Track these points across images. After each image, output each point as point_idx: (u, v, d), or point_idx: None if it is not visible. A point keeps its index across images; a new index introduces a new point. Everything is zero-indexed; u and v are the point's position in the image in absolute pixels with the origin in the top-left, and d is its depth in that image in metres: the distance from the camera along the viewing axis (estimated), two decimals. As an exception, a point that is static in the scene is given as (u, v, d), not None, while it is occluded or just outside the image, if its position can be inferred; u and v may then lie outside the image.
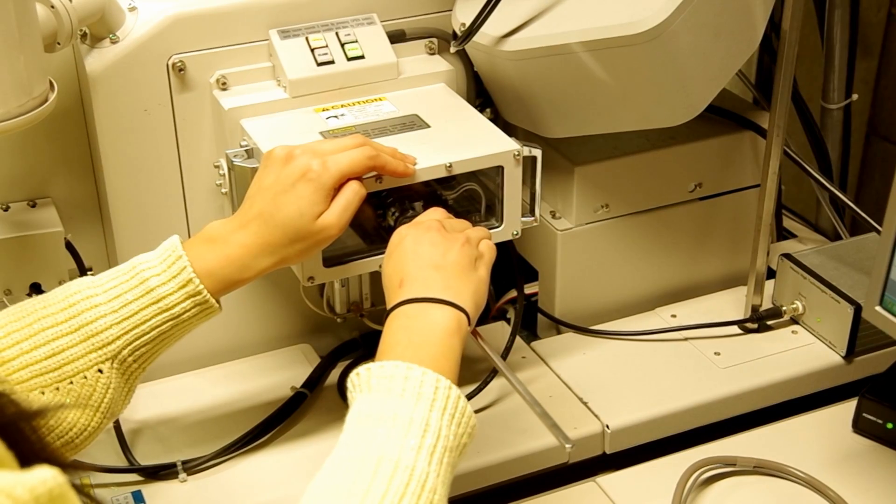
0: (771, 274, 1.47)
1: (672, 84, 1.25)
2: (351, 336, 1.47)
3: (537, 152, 1.21)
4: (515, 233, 1.23)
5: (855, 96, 1.62)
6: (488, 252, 1.08)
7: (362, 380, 0.93)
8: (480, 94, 1.41)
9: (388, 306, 1.02)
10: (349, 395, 0.94)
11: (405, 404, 0.89)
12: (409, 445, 0.87)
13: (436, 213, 1.12)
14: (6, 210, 1.33)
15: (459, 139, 1.21)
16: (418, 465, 0.86)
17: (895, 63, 1.78)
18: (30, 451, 0.62)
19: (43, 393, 0.99)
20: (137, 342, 1.03)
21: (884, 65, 1.81)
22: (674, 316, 1.48)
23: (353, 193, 1.08)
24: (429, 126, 1.23)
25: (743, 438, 1.29)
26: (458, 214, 1.22)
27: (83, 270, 1.28)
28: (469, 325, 1.01)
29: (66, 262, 1.29)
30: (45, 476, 0.56)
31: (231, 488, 1.23)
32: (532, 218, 1.25)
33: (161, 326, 1.04)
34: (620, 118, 1.31)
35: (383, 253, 1.18)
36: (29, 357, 1.00)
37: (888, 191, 1.12)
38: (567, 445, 0.99)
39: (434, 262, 1.03)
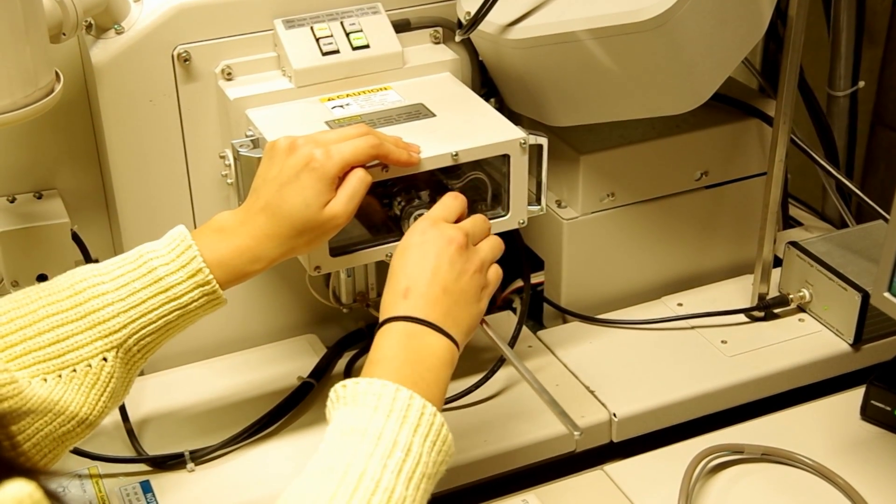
0: (777, 262, 1.47)
1: (678, 72, 1.25)
2: (357, 326, 1.47)
3: (543, 140, 1.21)
4: (522, 221, 1.23)
5: (861, 83, 1.62)
6: (494, 281, 1.08)
7: (348, 392, 0.94)
8: (485, 83, 1.41)
9: (386, 307, 1.02)
10: (330, 404, 0.95)
11: (390, 426, 0.90)
12: (390, 468, 0.88)
13: (455, 204, 1.10)
14: (12, 202, 1.33)
15: (465, 128, 1.21)
16: (397, 489, 0.87)
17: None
18: (4, 463, 0.62)
19: (45, 380, 0.99)
20: (143, 331, 1.03)
21: (889, 53, 1.81)
22: (680, 304, 1.48)
23: (358, 181, 1.08)
24: (434, 115, 1.23)
25: (750, 426, 1.29)
26: (464, 204, 1.23)
27: (89, 261, 1.28)
28: (457, 356, 1.02)
29: (73, 254, 1.29)
30: (21, 493, 0.55)
31: (239, 478, 1.23)
32: (538, 207, 1.25)
33: (168, 316, 1.04)
34: (626, 106, 1.31)
35: (390, 242, 1.18)
36: (32, 343, 0.99)
37: (894, 180, 1.11)
38: (576, 433, 0.99)
39: (445, 284, 1.02)
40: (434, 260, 1.03)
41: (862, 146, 1.86)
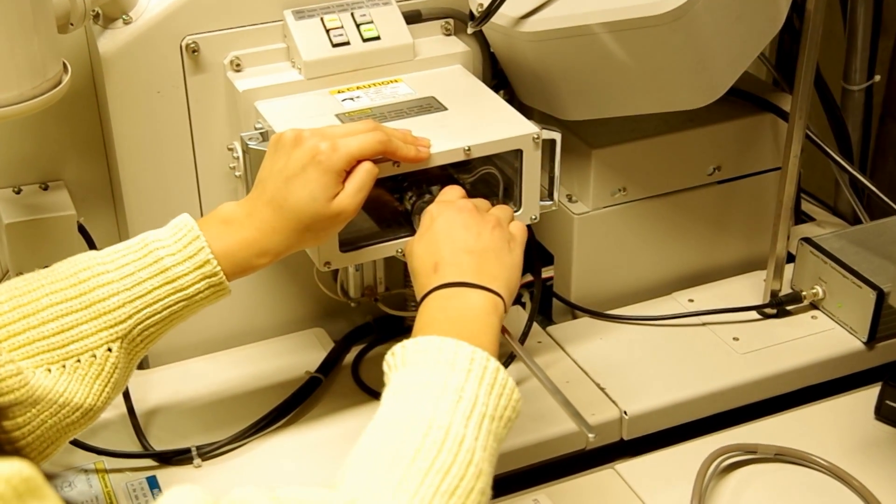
0: (789, 258, 1.45)
1: (694, 66, 1.24)
2: (364, 320, 1.46)
3: (557, 135, 1.19)
4: (534, 217, 1.21)
5: (877, 77, 1.60)
6: (520, 233, 1.08)
7: (397, 358, 0.92)
8: (496, 74, 1.39)
9: (420, 290, 1.02)
10: (385, 375, 0.93)
11: (438, 372, 0.89)
12: (441, 408, 0.86)
13: (454, 192, 1.11)
14: (18, 193, 1.31)
15: (478, 122, 1.19)
16: (453, 426, 0.85)
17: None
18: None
19: (49, 370, 0.97)
20: (148, 321, 1.02)
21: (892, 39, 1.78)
22: (691, 301, 1.47)
23: (366, 173, 1.07)
24: (446, 108, 1.21)
25: (763, 425, 1.28)
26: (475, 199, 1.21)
27: (93, 251, 1.27)
28: (505, 309, 1.00)
29: (79, 246, 1.28)
30: (20, 466, 0.54)
31: (246, 474, 1.22)
32: (551, 202, 1.23)
33: (173, 306, 1.03)
34: (640, 101, 1.29)
35: (400, 237, 1.17)
36: (36, 332, 0.98)
37: None
38: (590, 435, 0.98)
39: (468, 246, 1.02)
40: (449, 229, 1.04)
41: (871, 138, 1.83)
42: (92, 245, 1.28)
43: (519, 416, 0.92)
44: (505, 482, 1.25)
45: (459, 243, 1.02)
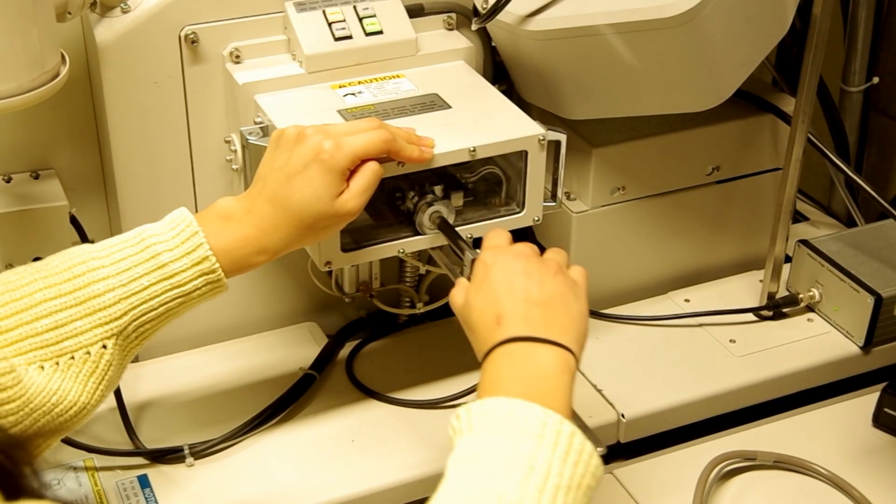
0: (786, 259, 1.44)
1: (700, 69, 1.22)
2: (358, 315, 1.45)
3: (561, 137, 1.18)
4: (537, 219, 1.20)
5: (875, 79, 1.59)
6: (582, 278, 0.98)
7: (462, 422, 0.85)
8: (496, 68, 1.38)
9: (482, 345, 0.93)
10: (450, 440, 0.86)
11: (507, 440, 0.81)
12: (512, 481, 0.79)
13: (503, 237, 1.02)
14: (8, 181, 1.28)
15: (482, 122, 1.17)
16: (525, 501, 0.78)
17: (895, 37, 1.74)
18: (13, 484, 0.59)
19: (42, 367, 0.95)
20: (144, 317, 1.00)
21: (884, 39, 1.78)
22: (687, 300, 1.46)
23: (372, 173, 1.05)
24: (450, 107, 1.19)
25: (761, 431, 1.28)
26: (478, 199, 1.20)
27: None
28: (577, 365, 0.92)
29: (70, 237, 1.25)
30: None
31: (239, 473, 1.21)
32: (554, 203, 1.22)
33: (170, 302, 1.01)
34: (645, 102, 1.28)
35: (402, 238, 1.15)
36: (29, 328, 0.95)
37: (885, 165, 1.09)
38: (598, 449, 0.96)
39: (531, 296, 0.93)
40: (509, 278, 0.95)
41: (867, 140, 1.83)
42: (84, 237, 1.25)
43: (599, 484, 0.84)
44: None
45: (521, 293, 0.93)
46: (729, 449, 1.22)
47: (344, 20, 1.24)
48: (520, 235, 1.14)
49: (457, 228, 1.14)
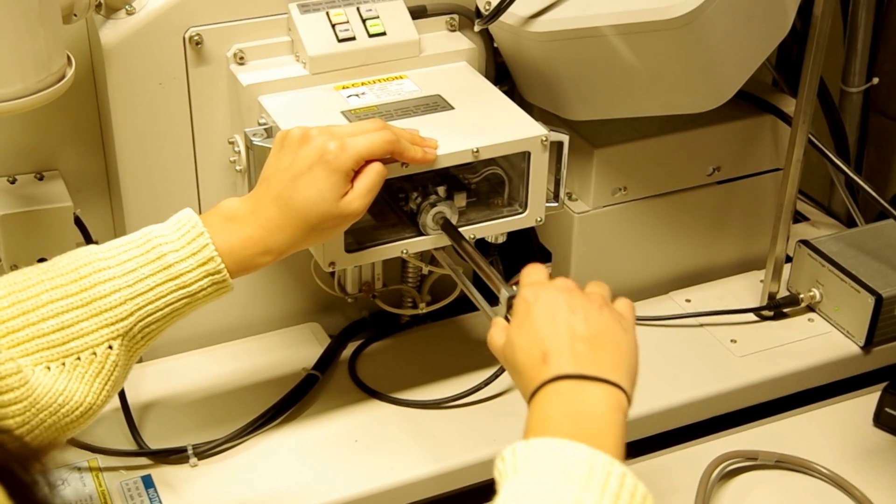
0: (786, 259, 1.45)
1: (702, 70, 1.23)
2: (360, 315, 1.45)
3: (565, 138, 1.18)
4: (539, 219, 1.20)
5: (875, 80, 1.60)
6: (628, 311, 0.94)
7: (507, 464, 0.81)
8: (498, 69, 1.38)
9: (528, 385, 0.89)
10: (497, 483, 0.82)
11: (553, 483, 0.78)
12: None
13: (540, 272, 0.98)
14: (13, 182, 1.29)
15: (485, 123, 1.18)
16: None
17: (894, 37, 1.75)
18: (26, 494, 0.60)
19: (49, 368, 0.96)
20: (150, 318, 1.00)
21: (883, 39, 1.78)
22: (688, 301, 1.46)
23: (376, 174, 1.05)
24: (453, 108, 1.20)
25: (762, 431, 1.28)
26: (480, 199, 1.20)
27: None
28: (629, 403, 0.87)
29: (75, 238, 1.26)
30: None
31: (243, 473, 1.21)
32: (556, 203, 1.22)
33: (176, 303, 1.01)
34: (646, 103, 1.28)
35: (406, 238, 1.16)
36: (36, 329, 0.96)
37: (885, 165, 1.09)
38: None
39: (577, 332, 0.88)
40: (552, 314, 0.90)
41: (866, 140, 1.84)
42: (89, 238, 1.26)
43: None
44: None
45: (566, 328, 0.89)
46: (730, 449, 1.22)
47: (347, 21, 1.24)
48: (517, 231, 1.14)
49: (460, 229, 1.15)
